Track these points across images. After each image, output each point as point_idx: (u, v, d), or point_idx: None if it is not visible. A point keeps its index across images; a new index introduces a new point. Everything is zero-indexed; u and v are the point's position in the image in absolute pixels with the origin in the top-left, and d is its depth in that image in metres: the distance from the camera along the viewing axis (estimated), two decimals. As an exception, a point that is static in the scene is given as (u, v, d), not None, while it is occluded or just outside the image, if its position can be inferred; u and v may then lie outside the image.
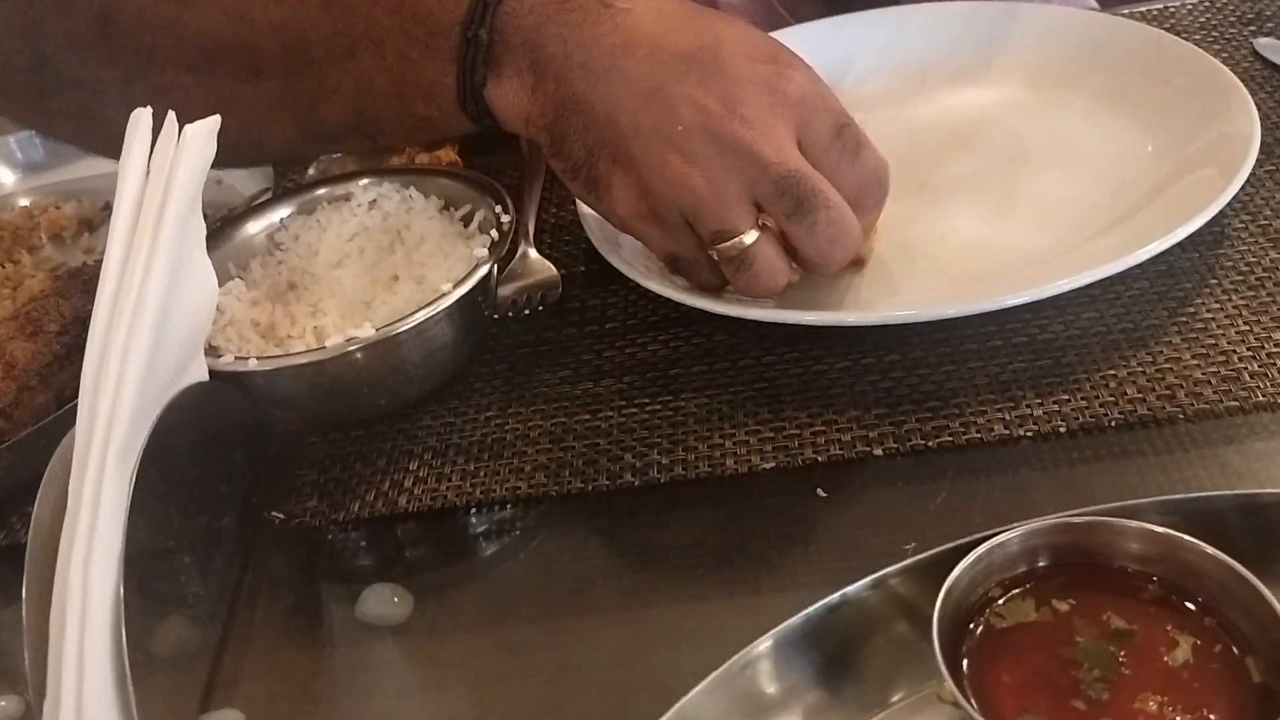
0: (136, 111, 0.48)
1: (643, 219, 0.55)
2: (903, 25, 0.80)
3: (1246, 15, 0.80)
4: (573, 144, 0.54)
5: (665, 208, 0.54)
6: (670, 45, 0.53)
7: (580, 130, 0.54)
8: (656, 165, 0.52)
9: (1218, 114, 0.63)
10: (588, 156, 0.54)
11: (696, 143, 0.51)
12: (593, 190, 0.56)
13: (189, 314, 0.49)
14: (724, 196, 0.52)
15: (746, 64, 0.52)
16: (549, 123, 0.55)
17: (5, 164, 0.92)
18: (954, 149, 0.71)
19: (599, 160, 0.54)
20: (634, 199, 0.54)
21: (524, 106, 0.55)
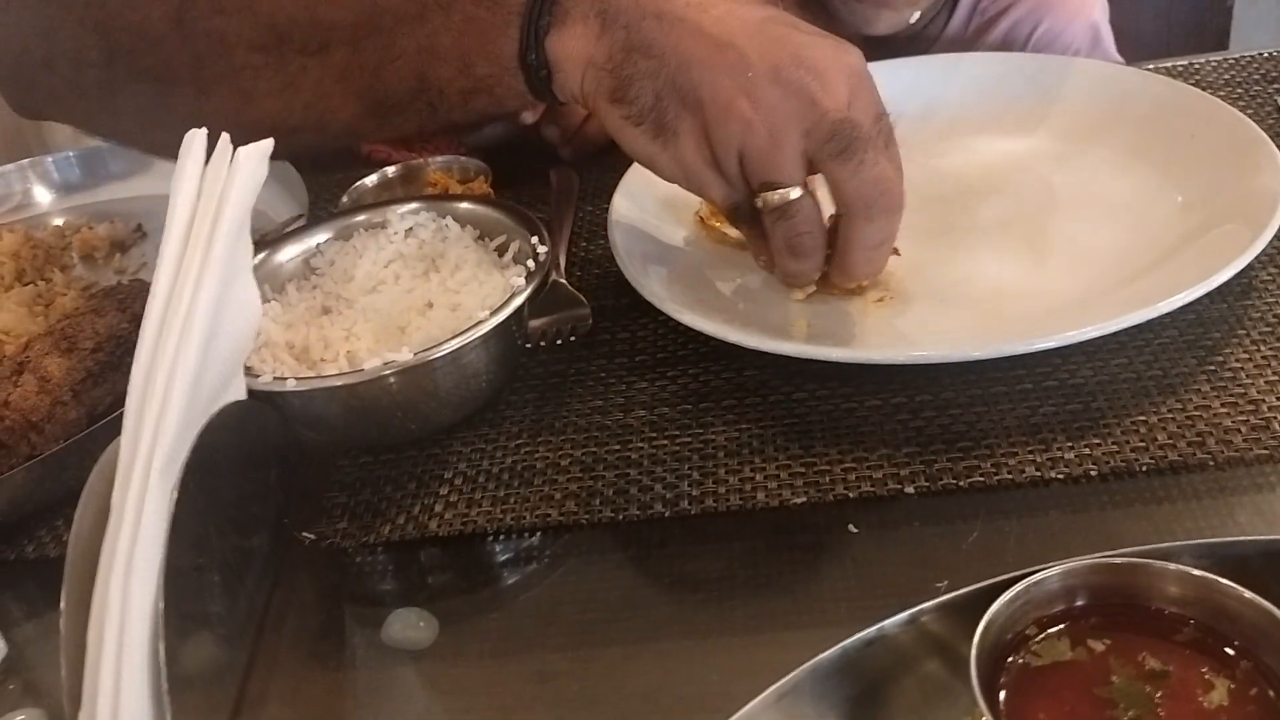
0: (190, 132, 0.49)
1: (704, 165, 0.57)
2: (934, 74, 0.81)
3: (1271, 73, 0.82)
4: (641, 87, 0.56)
5: (726, 151, 0.56)
6: (741, 11, 0.56)
7: (649, 75, 0.56)
8: (724, 108, 0.55)
9: (1245, 168, 0.64)
10: (656, 101, 0.56)
11: (763, 88, 0.54)
12: (659, 135, 0.57)
13: (233, 333, 0.50)
14: (781, 143, 0.55)
15: (810, 32, 0.57)
16: (615, 65, 0.57)
17: (42, 183, 0.93)
18: (984, 194, 0.72)
19: (668, 104, 0.56)
20: (698, 144, 0.57)
21: (587, 51, 0.57)
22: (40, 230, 0.88)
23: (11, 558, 0.60)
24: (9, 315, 0.75)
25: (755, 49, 0.55)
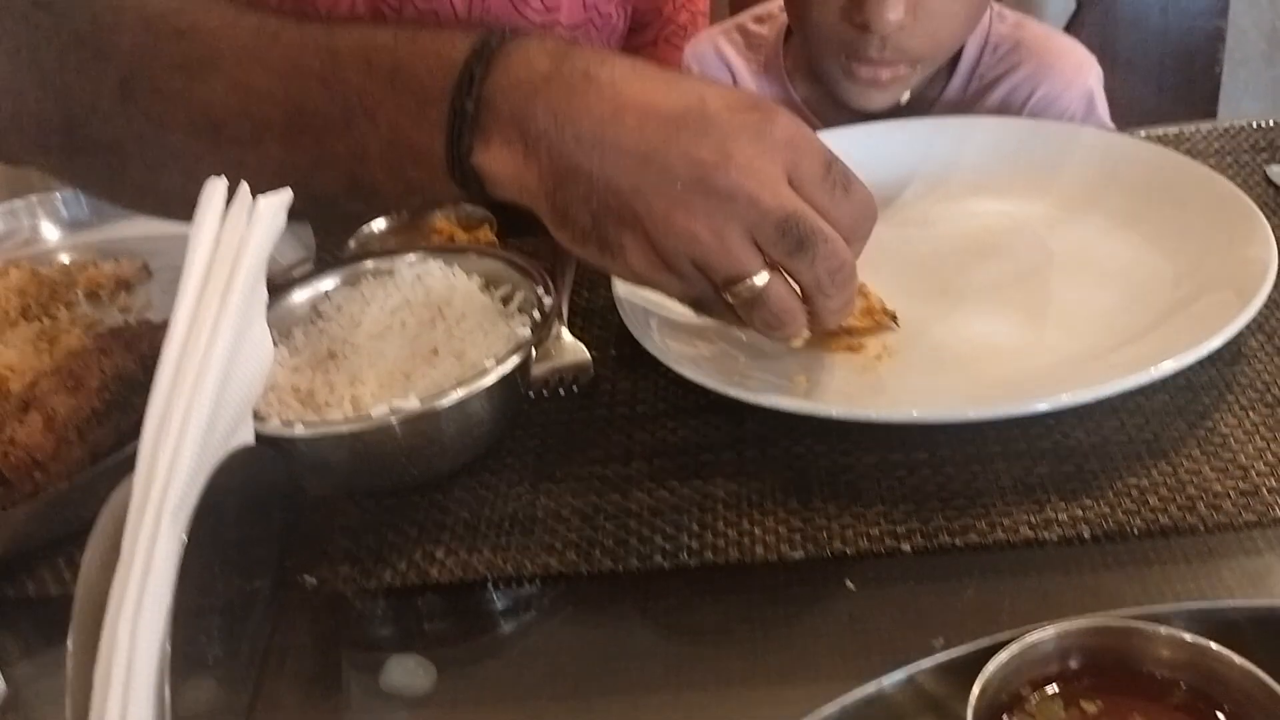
0: (210, 180, 0.50)
1: (658, 271, 0.57)
2: (933, 135, 0.83)
3: (1260, 143, 0.84)
4: (577, 212, 0.56)
5: (677, 260, 0.56)
6: (657, 109, 0.55)
7: (583, 199, 0.56)
8: (662, 223, 0.54)
9: (1235, 238, 0.65)
10: (594, 222, 0.56)
11: (696, 197, 0.53)
12: (605, 252, 0.57)
13: (245, 379, 0.50)
14: (730, 244, 0.54)
15: (731, 115, 0.54)
16: (548, 192, 0.57)
17: (50, 220, 0.94)
18: (979, 256, 0.73)
19: (607, 224, 0.56)
20: (646, 254, 0.56)
21: (517, 175, 0.57)
22: (46, 267, 0.89)
23: (12, 595, 0.60)
24: (14, 352, 0.76)
25: (678, 155, 0.54)
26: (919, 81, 0.88)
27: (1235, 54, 1.68)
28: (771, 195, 0.53)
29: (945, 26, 0.83)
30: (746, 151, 0.53)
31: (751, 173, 0.53)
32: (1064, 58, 0.91)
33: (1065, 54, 0.92)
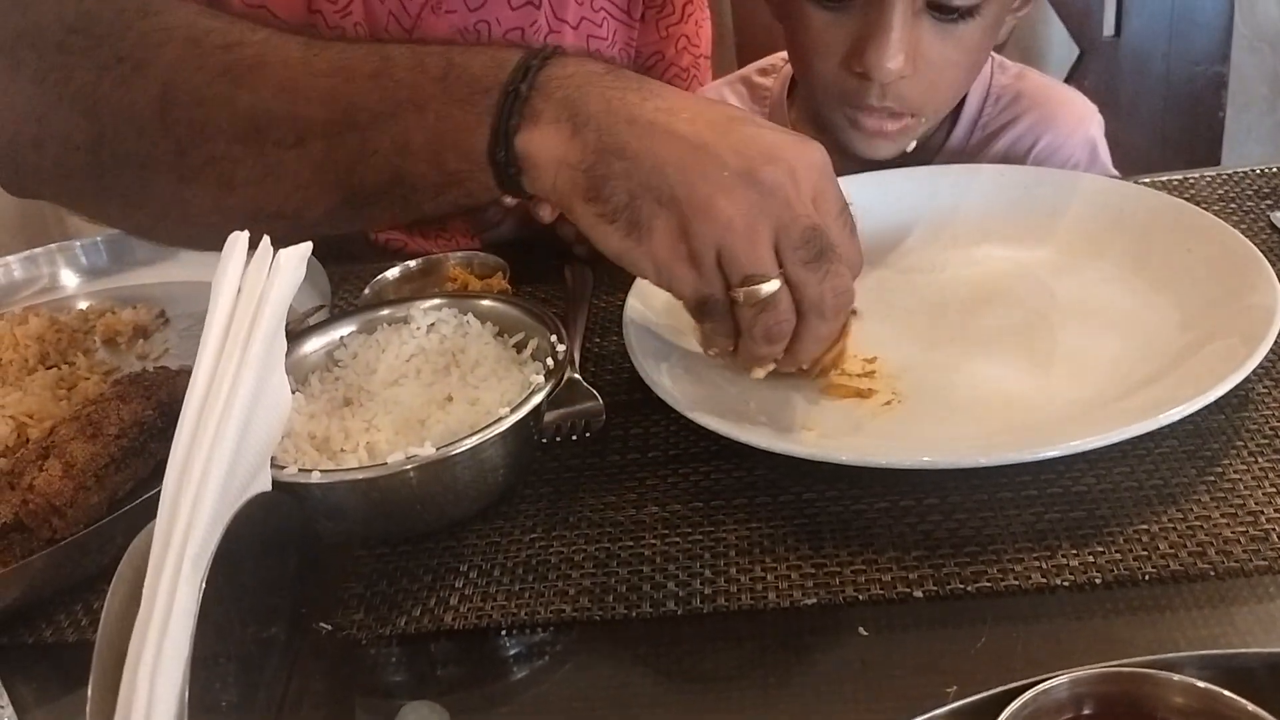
0: (234, 234, 0.51)
1: (679, 261, 0.59)
2: (939, 183, 0.85)
3: (1264, 189, 0.85)
4: (614, 187, 0.58)
5: (704, 247, 0.58)
6: (709, 112, 0.59)
7: (623, 175, 0.58)
8: (702, 205, 0.57)
9: (1241, 285, 0.66)
10: (630, 200, 0.58)
11: (740, 188, 0.56)
12: (633, 232, 0.59)
13: (265, 427, 0.51)
14: (758, 240, 0.57)
15: (777, 130, 0.60)
16: (589, 166, 0.59)
17: (69, 267, 0.96)
18: (987, 302, 0.74)
19: (643, 203, 0.58)
20: (673, 241, 0.58)
21: (559, 150, 0.59)
22: (64, 314, 0.90)
23: (29, 642, 0.60)
24: (33, 399, 0.77)
25: (728, 148, 0.57)
26: (924, 132, 0.89)
27: (1238, 99, 1.70)
28: (804, 204, 0.57)
29: (945, 77, 0.84)
30: (790, 158, 0.57)
31: (793, 177, 0.57)
32: (1065, 108, 0.93)
33: (1067, 104, 0.93)
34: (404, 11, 1.00)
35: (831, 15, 0.82)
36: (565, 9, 1.09)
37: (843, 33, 0.82)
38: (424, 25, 1.01)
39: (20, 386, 0.80)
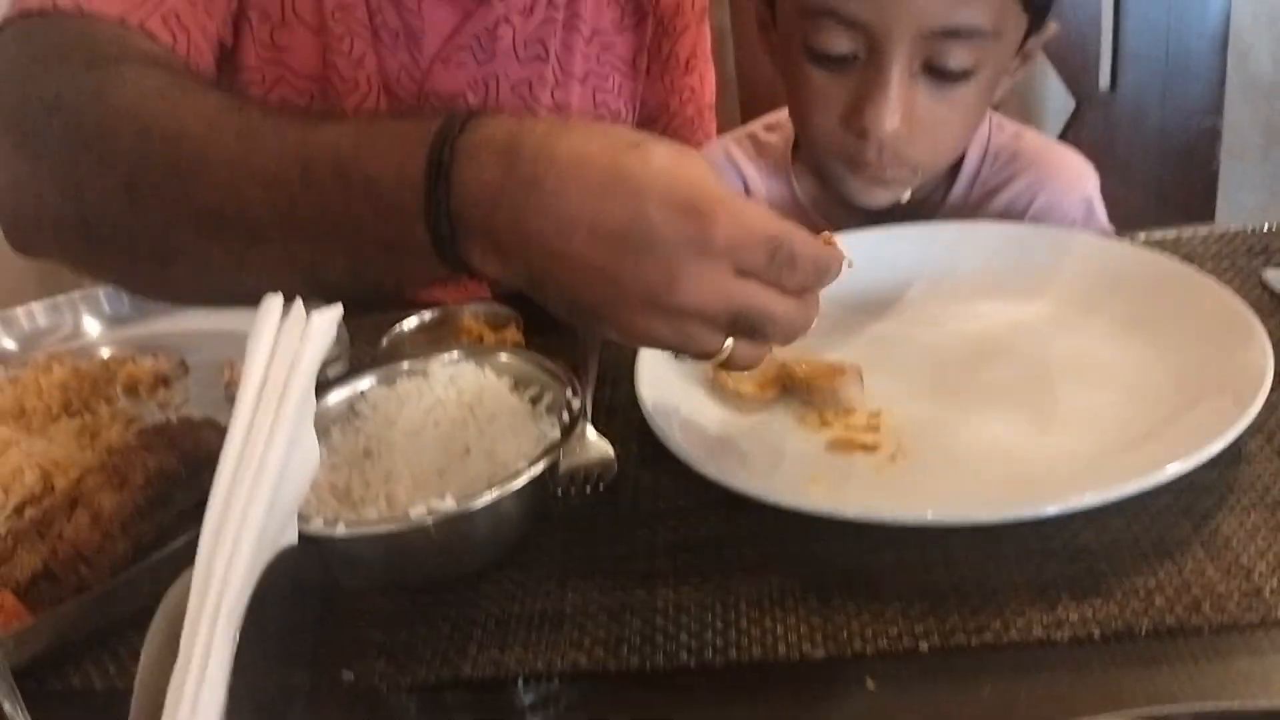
0: (268, 296, 0.53)
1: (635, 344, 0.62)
2: (940, 239, 0.87)
3: (1255, 247, 0.87)
4: (555, 308, 0.60)
5: (648, 345, 0.61)
6: (601, 225, 0.56)
7: (554, 300, 0.60)
8: (626, 327, 0.58)
9: (1233, 344, 0.68)
10: (570, 316, 0.60)
11: (651, 312, 0.57)
12: (589, 329, 0.63)
13: (295, 483, 0.53)
14: (689, 338, 0.58)
15: (672, 228, 0.55)
16: (531, 290, 0.60)
17: (92, 315, 0.98)
18: (986, 357, 0.77)
19: (581, 320, 0.60)
20: (623, 337, 0.60)
21: (503, 276, 0.60)
22: (87, 361, 0.92)
23: (58, 689, 0.62)
24: (59, 448, 0.79)
25: (628, 276, 0.56)
26: (921, 182, 0.92)
27: (1232, 148, 1.73)
28: (720, 299, 0.56)
29: (941, 135, 0.87)
30: (691, 268, 0.55)
31: (698, 287, 0.56)
32: (1062, 166, 0.96)
33: (1063, 163, 0.96)
34: (414, 64, 1.04)
35: (831, 76, 0.85)
36: (572, 62, 1.12)
37: (842, 92, 0.85)
38: (434, 78, 1.04)
39: (45, 435, 0.82)
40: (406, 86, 1.05)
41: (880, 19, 0.80)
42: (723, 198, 0.56)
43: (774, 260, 0.57)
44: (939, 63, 0.81)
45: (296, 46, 0.99)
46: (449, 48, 1.04)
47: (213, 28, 0.91)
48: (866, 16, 0.80)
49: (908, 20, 0.79)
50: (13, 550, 0.67)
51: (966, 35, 0.80)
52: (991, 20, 0.80)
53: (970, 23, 0.80)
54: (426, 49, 1.03)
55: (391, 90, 1.04)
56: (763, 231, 0.56)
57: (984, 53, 0.82)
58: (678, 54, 1.21)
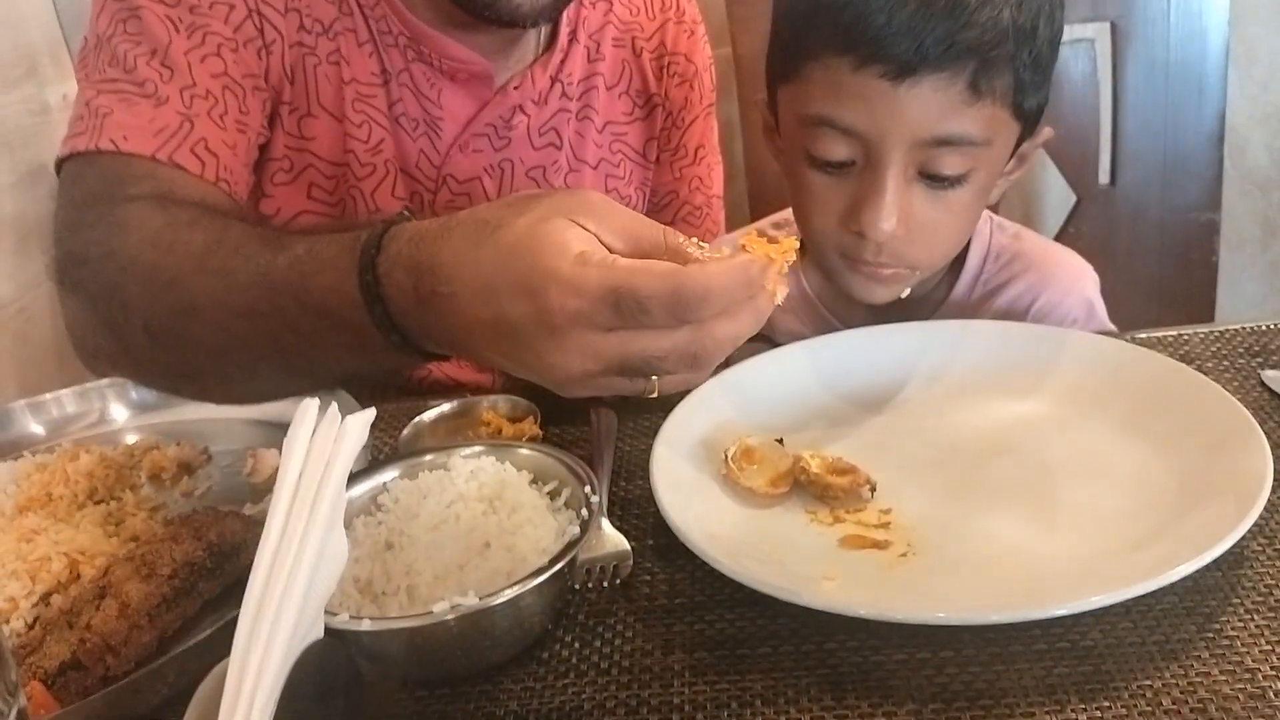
0: (304, 401, 0.56)
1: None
2: (944, 337, 0.90)
3: (1254, 347, 0.90)
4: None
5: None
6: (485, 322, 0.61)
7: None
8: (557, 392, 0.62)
9: (1233, 446, 0.70)
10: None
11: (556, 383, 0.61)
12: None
13: (325, 578, 0.55)
14: (609, 392, 0.61)
15: (521, 316, 0.58)
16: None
17: (119, 401, 1.01)
18: (996, 456, 0.79)
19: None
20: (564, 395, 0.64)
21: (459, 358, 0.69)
22: (112, 448, 0.94)
23: (84, 779, 0.63)
24: (85, 536, 0.81)
25: (515, 364, 0.61)
26: (920, 280, 0.94)
27: (1232, 239, 1.77)
28: (594, 361, 0.58)
29: (937, 237, 0.89)
30: (550, 345, 0.58)
31: (566, 360, 0.58)
32: (1062, 267, 0.98)
33: (1063, 264, 0.99)
34: (433, 150, 1.08)
35: (831, 180, 0.88)
36: (585, 150, 1.17)
37: (841, 195, 0.88)
38: (451, 163, 1.08)
39: (71, 522, 0.84)
40: (425, 171, 1.09)
41: (875, 129, 0.83)
42: (554, 271, 0.57)
43: (622, 311, 0.57)
44: (933, 169, 0.85)
45: (320, 134, 1.04)
46: (466, 134, 1.08)
47: (244, 142, 0.98)
48: (862, 126, 0.84)
49: (901, 130, 0.83)
50: (41, 640, 0.68)
51: (958, 143, 0.83)
52: (982, 130, 0.84)
53: (961, 132, 0.83)
54: (445, 136, 1.08)
55: (410, 174, 1.08)
56: (598, 291, 0.56)
57: (976, 160, 0.85)
58: (686, 145, 1.26)
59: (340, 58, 1.02)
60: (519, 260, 0.59)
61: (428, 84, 1.05)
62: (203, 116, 0.93)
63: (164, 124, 0.91)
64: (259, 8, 0.97)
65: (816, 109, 0.86)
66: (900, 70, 0.81)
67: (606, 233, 0.60)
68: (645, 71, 1.19)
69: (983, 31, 0.80)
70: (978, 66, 0.81)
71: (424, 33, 1.02)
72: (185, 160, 0.92)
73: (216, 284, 0.75)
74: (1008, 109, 0.84)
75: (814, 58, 0.85)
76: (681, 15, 1.22)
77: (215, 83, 0.95)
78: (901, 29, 0.80)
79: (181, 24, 0.94)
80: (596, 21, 1.15)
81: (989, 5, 0.81)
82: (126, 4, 0.94)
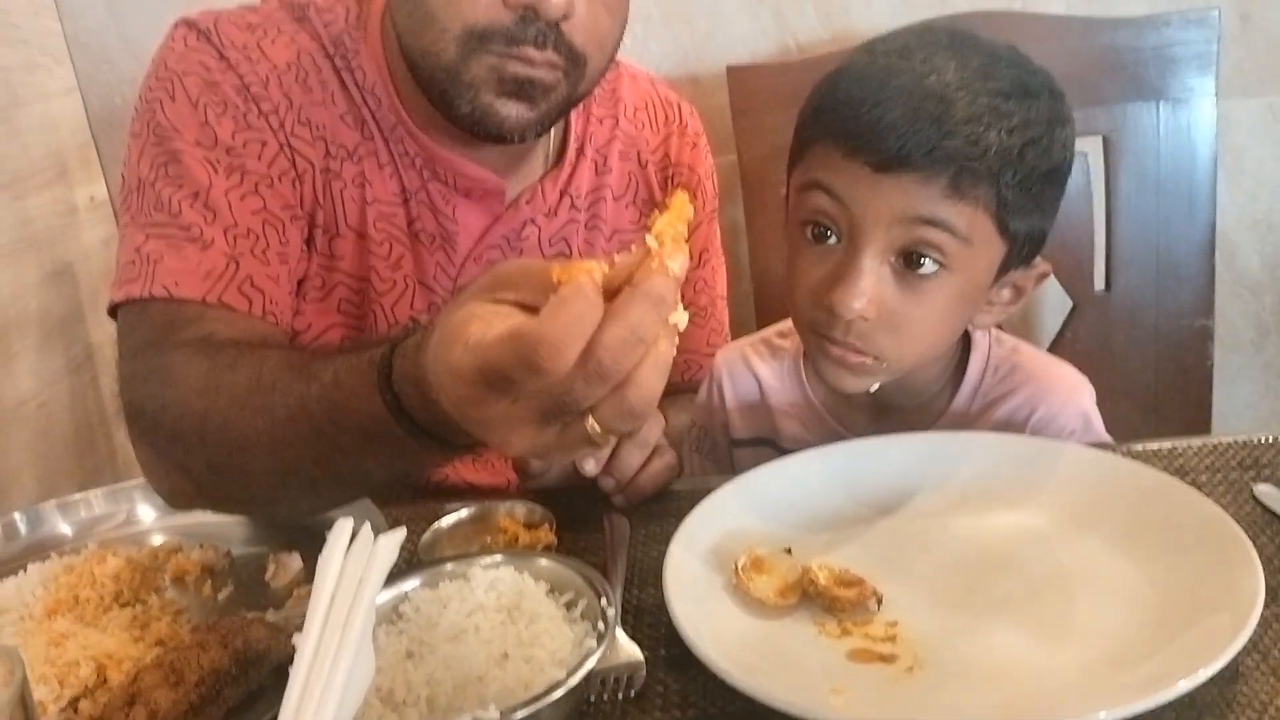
0: (340, 521, 0.59)
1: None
2: (947, 449, 0.93)
3: (1246, 461, 0.93)
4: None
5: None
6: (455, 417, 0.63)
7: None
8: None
9: (1226, 564, 0.73)
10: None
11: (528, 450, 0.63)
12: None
13: (354, 694, 0.57)
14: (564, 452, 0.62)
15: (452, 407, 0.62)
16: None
17: (146, 502, 1.03)
18: (995, 569, 0.81)
19: None
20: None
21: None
22: (137, 551, 0.97)
23: None
24: (113, 640, 0.83)
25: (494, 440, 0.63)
26: (891, 377, 0.97)
27: (1226, 340, 1.80)
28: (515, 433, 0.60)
29: (907, 330, 0.92)
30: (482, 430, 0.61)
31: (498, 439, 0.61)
32: (1058, 381, 1.02)
33: (1059, 377, 1.03)
34: (449, 263, 1.13)
35: (817, 254, 0.93)
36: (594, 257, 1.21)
37: (823, 270, 0.92)
38: (466, 274, 1.13)
39: (99, 626, 0.86)
40: (441, 284, 1.13)
41: (858, 205, 0.88)
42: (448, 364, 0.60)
43: (496, 385, 0.58)
44: (912, 248, 0.88)
45: (347, 253, 1.09)
46: (480, 247, 1.13)
47: (286, 272, 1.04)
48: (847, 198, 0.89)
49: (881, 210, 0.88)
50: (72, 747, 0.70)
51: (937, 226, 0.87)
52: (962, 225, 0.87)
53: (941, 217, 0.87)
54: (460, 249, 1.13)
55: (428, 286, 1.13)
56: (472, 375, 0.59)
57: (954, 254, 0.88)
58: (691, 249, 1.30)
59: (364, 180, 1.07)
60: (441, 359, 0.62)
61: (444, 201, 1.10)
62: (247, 255, 0.99)
63: (211, 266, 0.97)
64: (289, 141, 1.03)
65: (813, 175, 0.92)
66: (884, 163, 0.87)
67: (519, 292, 0.61)
68: (651, 182, 1.25)
69: (965, 142, 0.85)
70: (958, 171, 0.86)
71: (438, 153, 1.08)
72: (233, 300, 0.98)
73: (262, 421, 0.83)
74: (990, 219, 0.88)
75: (816, 142, 0.92)
76: (684, 129, 1.28)
77: (256, 219, 1.00)
78: (889, 128, 0.86)
79: (220, 165, 1.00)
80: (604, 136, 1.20)
81: (976, 121, 0.86)
82: (165, 148, 1.00)
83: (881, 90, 0.88)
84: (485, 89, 0.98)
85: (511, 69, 0.96)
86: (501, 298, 0.61)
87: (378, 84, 1.07)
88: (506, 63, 0.96)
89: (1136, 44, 1.50)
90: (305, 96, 1.04)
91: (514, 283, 0.62)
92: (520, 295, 0.61)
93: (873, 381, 0.96)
